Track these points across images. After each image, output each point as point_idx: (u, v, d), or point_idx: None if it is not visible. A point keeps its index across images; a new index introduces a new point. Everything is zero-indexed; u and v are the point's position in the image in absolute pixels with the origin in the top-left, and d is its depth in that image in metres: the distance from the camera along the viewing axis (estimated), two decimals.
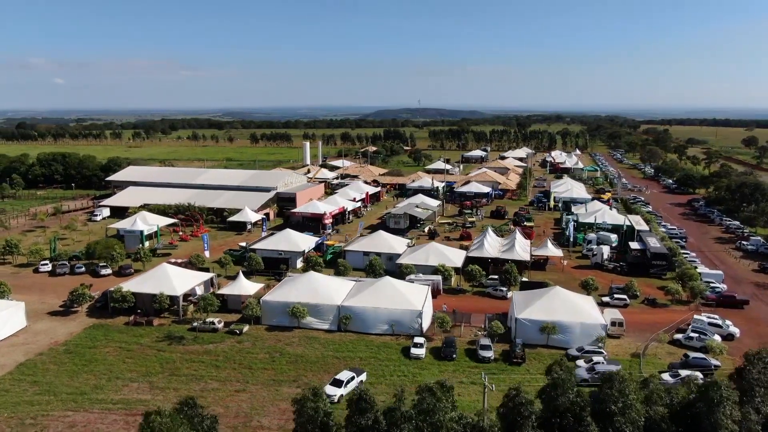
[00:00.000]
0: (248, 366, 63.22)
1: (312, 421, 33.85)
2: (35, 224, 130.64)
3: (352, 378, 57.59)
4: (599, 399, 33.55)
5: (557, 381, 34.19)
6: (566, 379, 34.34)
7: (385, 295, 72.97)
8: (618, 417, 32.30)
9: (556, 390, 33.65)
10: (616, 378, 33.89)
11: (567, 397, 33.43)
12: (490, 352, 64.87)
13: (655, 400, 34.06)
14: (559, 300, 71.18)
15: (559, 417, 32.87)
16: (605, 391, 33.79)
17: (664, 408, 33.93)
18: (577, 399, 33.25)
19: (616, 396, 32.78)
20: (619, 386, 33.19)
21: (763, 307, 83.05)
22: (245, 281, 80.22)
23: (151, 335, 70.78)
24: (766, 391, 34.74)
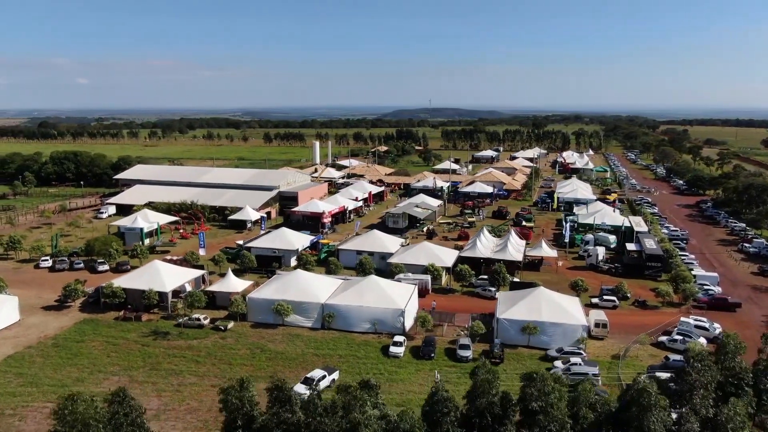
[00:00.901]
0: (228, 362, 64.23)
1: (236, 410, 34.67)
2: (42, 221, 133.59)
3: (323, 377, 58.07)
4: (522, 398, 33.74)
5: (477, 382, 34.52)
6: (488, 380, 34.58)
7: (368, 294, 73.46)
8: (540, 416, 32.42)
9: (476, 391, 33.97)
10: (537, 377, 34.00)
11: (487, 397, 33.69)
12: (469, 352, 64.97)
13: (582, 402, 34.08)
14: (542, 301, 71.01)
15: (479, 417, 33.14)
16: (526, 390, 33.98)
17: (594, 411, 33.95)
18: (496, 399, 33.50)
19: (536, 395, 32.90)
20: (540, 385, 33.27)
21: (756, 311, 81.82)
22: (234, 278, 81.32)
23: (138, 330, 72.18)
24: (705, 392, 34.50)
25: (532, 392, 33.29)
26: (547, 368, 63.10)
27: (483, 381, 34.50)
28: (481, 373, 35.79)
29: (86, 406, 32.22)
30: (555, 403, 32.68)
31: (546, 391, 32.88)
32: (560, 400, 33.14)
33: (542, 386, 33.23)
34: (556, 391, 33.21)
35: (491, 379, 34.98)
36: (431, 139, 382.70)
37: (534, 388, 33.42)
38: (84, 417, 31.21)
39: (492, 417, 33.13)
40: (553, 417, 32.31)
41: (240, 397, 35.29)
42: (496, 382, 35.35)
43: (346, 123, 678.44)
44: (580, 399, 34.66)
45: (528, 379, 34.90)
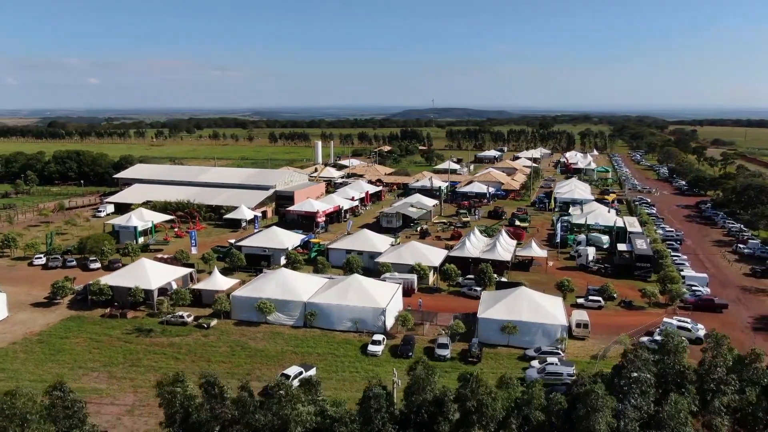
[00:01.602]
0: (207, 359, 64.84)
1: (171, 404, 35.21)
2: (41, 220, 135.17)
3: (300, 373, 58.64)
4: (457, 398, 33.99)
5: (413, 379, 34.82)
6: (423, 378, 34.85)
7: (350, 293, 73.81)
8: (473, 415, 32.64)
9: (411, 388, 34.28)
10: (471, 379, 34.22)
11: (422, 395, 33.95)
12: (447, 351, 65.20)
13: (533, 404, 34.20)
14: (523, 301, 71.04)
15: (414, 414, 33.43)
16: (460, 390, 34.26)
17: (541, 412, 34.10)
18: (430, 397, 33.74)
19: (469, 395, 33.14)
20: (472, 386, 33.49)
21: (743, 312, 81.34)
22: (220, 277, 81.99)
23: (122, 327, 72.98)
24: (642, 390, 34.47)
25: (465, 393, 33.53)
26: (524, 368, 63.45)
27: (418, 378, 34.81)
28: (417, 371, 36.09)
29: (25, 401, 32.87)
30: (488, 404, 32.89)
31: (479, 392, 33.09)
32: (495, 401, 33.36)
33: (476, 387, 33.44)
34: (491, 393, 33.43)
35: (427, 376, 35.22)
36: (436, 139, 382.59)
37: (467, 389, 33.68)
38: (22, 411, 31.86)
39: (428, 414, 33.40)
40: (487, 417, 32.51)
41: (172, 392, 35.89)
42: (432, 379, 35.63)
43: (353, 123, 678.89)
44: (532, 402, 34.84)
45: (463, 380, 35.16)
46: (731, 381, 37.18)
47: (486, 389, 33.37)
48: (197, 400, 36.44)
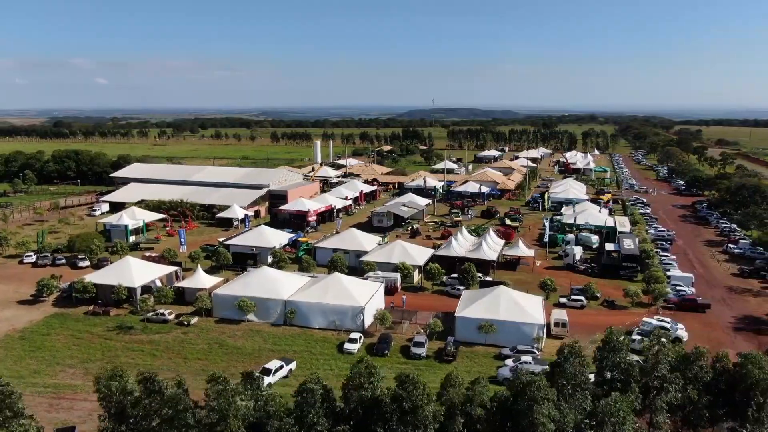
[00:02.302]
0: (184, 356, 65.38)
1: (107, 398, 35.75)
2: (36, 218, 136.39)
3: (281, 366, 59.71)
4: (394, 398, 34.27)
5: (352, 378, 35.16)
6: (363, 376, 35.14)
7: (330, 291, 74.17)
8: (410, 416, 32.93)
9: (348, 385, 34.60)
10: (407, 380, 34.47)
11: (361, 393, 34.24)
12: (422, 349, 65.40)
13: (475, 400, 34.41)
14: (501, 300, 71.11)
15: (350, 411, 33.76)
16: (397, 391, 34.56)
17: (481, 408, 34.29)
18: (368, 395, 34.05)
19: (405, 396, 33.42)
20: (410, 387, 33.75)
21: (726, 312, 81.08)
22: (203, 275, 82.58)
23: (104, 325, 73.64)
24: (578, 387, 34.50)
25: (401, 393, 33.80)
26: (498, 367, 63.59)
27: (356, 375, 35.15)
28: (358, 367, 36.42)
29: None
30: (421, 405, 33.16)
31: (414, 392, 33.37)
32: (428, 403, 33.68)
33: (409, 387, 33.70)
34: (426, 394, 33.76)
35: (368, 374, 35.50)
36: (438, 139, 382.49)
37: (404, 389, 33.97)
38: None
39: (364, 412, 33.73)
40: (421, 417, 32.83)
41: (108, 387, 36.38)
42: (374, 377, 35.94)
43: (358, 123, 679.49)
44: (474, 398, 35.05)
45: (399, 380, 35.45)
46: (674, 379, 37.24)
47: (421, 390, 33.65)
48: (135, 395, 36.84)
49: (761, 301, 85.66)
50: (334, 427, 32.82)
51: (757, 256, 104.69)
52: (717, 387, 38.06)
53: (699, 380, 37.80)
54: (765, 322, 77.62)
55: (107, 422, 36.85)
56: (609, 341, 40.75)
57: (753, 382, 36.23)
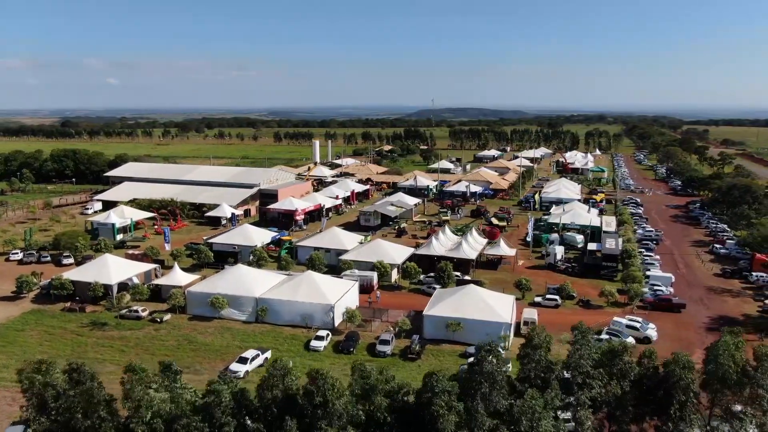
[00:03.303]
0: (152, 352, 66.04)
1: (30, 390, 36.48)
2: (28, 217, 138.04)
3: (257, 355, 61.82)
4: (306, 393, 34.72)
5: (267, 378, 35.76)
6: (274, 375, 35.69)
7: (302, 289, 74.65)
8: (320, 409, 33.30)
9: (264, 384, 35.18)
10: (318, 375, 34.85)
11: (274, 392, 34.77)
12: (388, 347, 65.75)
13: (378, 391, 34.74)
14: (470, 298, 71.24)
15: (263, 409, 34.32)
16: (307, 387, 35.00)
17: (386, 399, 34.58)
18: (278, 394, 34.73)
19: (315, 391, 33.84)
20: (320, 382, 34.12)
21: (702, 312, 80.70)
22: (180, 272, 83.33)
23: (79, 321, 74.56)
24: (493, 385, 34.64)
25: (311, 389, 34.25)
26: (462, 365, 63.74)
27: (270, 375, 35.74)
28: (275, 366, 36.99)
29: None
30: (332, 400, 33.51)
31: (324, 388, 33.76)
32: (339, 397, 34.03)
33: (322, 383, 34.08)
34: (335, 389, 34.15)
35: (281, 375, 35.98)
36: (440, 138, 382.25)
37: (314, 384, 34.38)
38: None
39: (278, 409, 34.20)
40: (332, 412, 33.18)
41: (31, 379, 36.98)
42: (287, 378, 36.46)
43: (365, 122, 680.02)
44: (376, 389, 35.38)
45: (311, 376, 35.87)
46: (597, 375, 37.28)
47: (331, 385, 34.03)
48: (58, 388, 37.45)
49: (739, 302, 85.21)
50: (247, 425, 33.37)
51: (742, 256, 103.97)
52: (644, 384, 38.11)
53: (624, 376, 37.82)
54: (740, 322, 76.91)
55: (29, 413, 37.58)
56: (530, 339, 40.83)
57: (675, 382, 36.25)
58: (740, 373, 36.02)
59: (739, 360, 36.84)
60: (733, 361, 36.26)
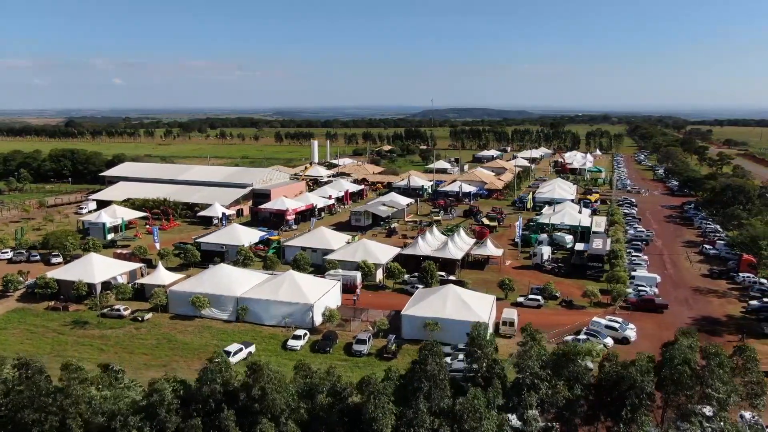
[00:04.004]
0: (131, 351, 66.58)
1: None
2: (23, 216, 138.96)
3: (240, 349, 63.23)
4: (244, 385, 34.99)
5: (204, 372, 36.11)
6: (212, 371, 36.00)
7: (283, 289, 74.96)
8: (256, 404, 33.51)
9: (202, 379, 35.50)
10: (256, 368, 35.06)
11: (210, 387, 35.05)
12: (364, 347, 65.95)
13: (320, 389, 35.02)
14: (448, 298, 71.31)
15: (201, 404, 34.60)
16: (245, 380, 35.27)
17: (327, 397, 34.84)
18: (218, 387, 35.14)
19: (251, 383, 34.04)
20: (258, 375, 34.32)
21: (685, 312, 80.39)
22: (164, 272, 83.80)
23: (61, 320, 75.22)
24: (435, 385, 34.71)
25: (248, 381, 34.50)
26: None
27: (208, 370, 36.02)
28: (212, 363, 37.31)
29: None
30: (270, 393, 33.71)
31: (263, 381, 33.99)
32: (279, 391, 34.23)
33: (259, 376, 34.32)
34: (273, 381, 34.35)
35: (218, 370, 36.28)
36: (441, 139, 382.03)
37: (252, 377, 34.60)
38: None
39: (216, 404, 34.46)
40: (270, 406, 33.39)
41: None
42: (227, 372, 36.74)
43: (369, 123, 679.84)
44: (318, 387, 35.59)
45: (250, 369, 36.10)
46: (545, 376, 37.25)
47: (270, 378, 34.22)
48: (8, 383, 37.87)
49: (724, 302, 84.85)
50: (185, 421, 33.64)
51: (732, 257, 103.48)
52: (600, 386, 38.11)
53: (576, 379, 37.81)
54: (722, 323, 76.97)
55: None
56: (474, 338, 40.91)
57: (630, 385, 36.16)
58: (693, 374, 35.95)
59: (692, 361, 36.79)
60: (687, 362, 36.20)
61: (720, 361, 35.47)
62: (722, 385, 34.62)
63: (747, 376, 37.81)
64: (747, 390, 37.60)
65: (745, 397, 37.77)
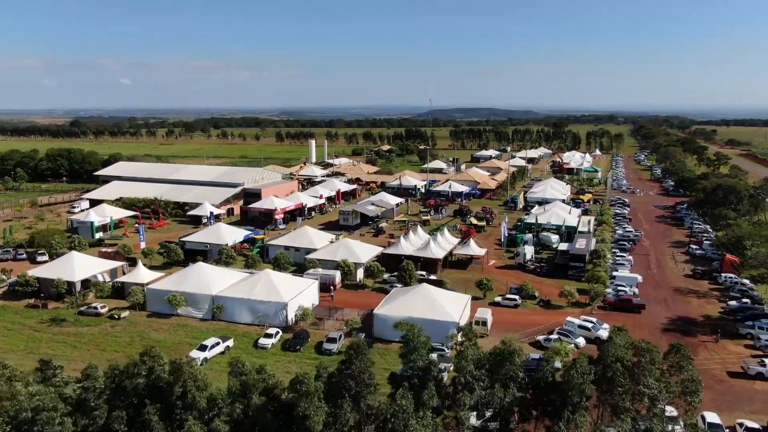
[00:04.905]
0: (103, 348, 67.10)
1: None
2: (16, 215, 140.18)
3: (217, 343, 64.36)
4: (166, 384, 35.37)
5: (128, 366, 36.46)
6: (136, 363, 36.41)
7: (258, 287, 75.34)
8: (179, 401, 33.88)
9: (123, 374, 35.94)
10: (179, 366, 35.38)
11: (132, 381, 35.51)
12: (334, 346, 66.19)
13: (253, 389, 35.30)
14: (421, 297, 71.44)
15: (125, 397, 35.09)
16: (167, 377, 35.54)
17: (262, 397, 35.10)
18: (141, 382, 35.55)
19: (173, 381, 34.40)
20: (181, 375, 34.70)
21: (662, 313, 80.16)
22: (143, 270, 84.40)
23: (39, 317, 75.87)
24: (362, 385, 34.81)
25: (169, 379, 34.83)
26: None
27: (132, 364, 36.41)
28: (135, 360, 37.79)
29: None
30: (191, 391, 34.03)
31: (183, 377, 34.33)
32: (201, 390, 34.56)
33: (179, 375, 34.66)
34: (195, 380, 34.70)
35: (148, 361, 36.68)
36: (442, 138, 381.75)
37: (174, 375, 34.97)
38: None
39: (139, 399, 34.91)
40: (192, 404, 33.75)
41: None
42: (157, 365, 37.06)
43: (373, 122, 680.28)
44: (251, 386, 35.87)
45: (173, 367, 36.44)
46: (480, 376, 37.32)
47: (194, 377, 34.54)
48: None
49: (703, 303, 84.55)
50: (111, 413, 34.03)
51: (717, 257, 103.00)
52: (538, 386, 38.17)
53: (512, 379, 37.89)
54: (698, 323, 76.73)
55: None
56: (410, 340, 41.02)
57: (571, 386, 36.17)
58: (625, 372, 35.96)
59: (625, 359, 36.77)
60: (619, 360, 36.19)
61: (651, 357, 35.48)
62: (654, 382, 34.62)
63: (683, 374, 37.87)
64: (682, 388, 37.61)
65: (680, 394, 37.77)
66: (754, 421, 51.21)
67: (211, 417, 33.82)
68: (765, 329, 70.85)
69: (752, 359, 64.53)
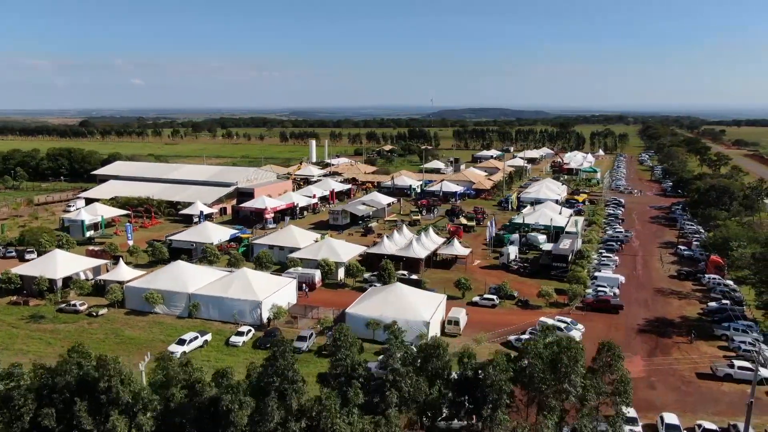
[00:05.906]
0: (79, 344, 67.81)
1: None
2: (12, 213, 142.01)
3: (195, 337, 65.65)
4: (93, 379, 35.82)
5: (60, 364, 36.97)
6: (69, 363, 36.90)
7: (234, 286, 75.92)
8: (103, 395, 34.40)
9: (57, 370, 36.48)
10: (103, 361, 35.84)
11: (64, 378, 36.02)
12: (304, 344, 66.56)
13: (174, 383, 35.69)
14: (394, 296, 71.64)
15: (58, 394, 35.58)
16: (92, 372, 36.01)
17: (184, 390, 35.46)
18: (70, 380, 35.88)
19: (98, 376, 34.84)
20: (104, 369, 35.18)
21: (640, 314, 79.76)
22: (124, 268, 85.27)
23: (19, 314, 76.90)
24: (286, 382, 34.99)
25: (95, 375, 35.31)
26: (373, 361, 64.19)
27: (63, 362, 36.93)
28: (69, 352, 38.23)
29: None
30: (116, 386, 34.49)
31: (105, 374, 34.78)
32: (126, 385, 35.02)
33: (105, 370, 35.12)
34: (121, 376, 35.15)
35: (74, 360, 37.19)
36: (446, 138, 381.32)
37: (99, 371, 35.48)
38: None
39: (70, 395, 35.43)
40: (114, 398, 34.20)
41: None
42: (86, 360, 37.58)
43: (380, 123, 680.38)
44: (171, 381, 36.31)
45: (98, 362, 36.94)
46: (406, 373, 37.42)
47: (118, 372, 35.00)
48: None
49: (684, 304, 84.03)
50: (39, 410, 34.55)
51: (704, 258, 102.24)
52: (460, 384, 38.24)
53: (438, 375, 37.99)
54: (675, 324, 76.32)
55: None
56: (336, 339, 41.18)
57: (490, 384, 36.24)
58: (546, 368, 35.99)
59: (544, 355, 36.85)
60: (539, 356, 36.28)
61: (573, 354, 35.47)
62: (580, 380, 34.61)
63: (613, 373, 37.77)
64: (613, 388, 37.50)
65: (610, 393, 37.66)
66: (713, 422, 51.02)
67: (135, 411, 34.30)
68: (740, 331, 70.34)
69: (722, 360, 64.12)
